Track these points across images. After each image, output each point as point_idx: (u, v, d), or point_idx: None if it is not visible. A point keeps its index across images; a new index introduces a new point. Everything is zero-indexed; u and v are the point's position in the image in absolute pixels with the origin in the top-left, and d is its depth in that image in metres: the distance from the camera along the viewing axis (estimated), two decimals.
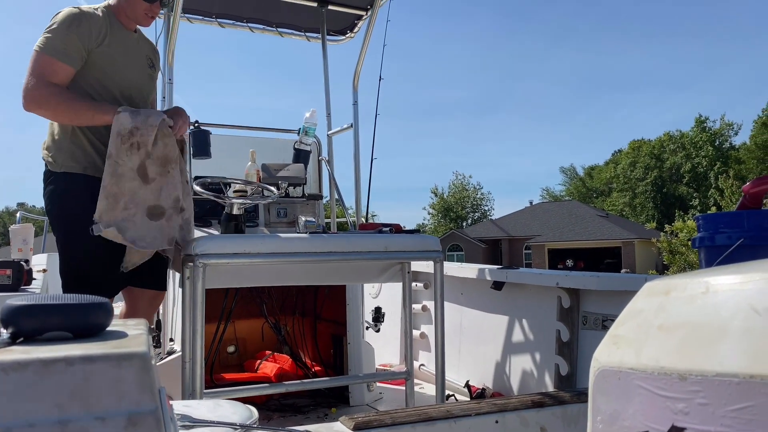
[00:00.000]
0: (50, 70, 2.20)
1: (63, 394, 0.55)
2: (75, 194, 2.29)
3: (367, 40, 3.75)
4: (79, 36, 2.25)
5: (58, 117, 2.28)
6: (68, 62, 2.23)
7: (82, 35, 2.25)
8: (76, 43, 2.24)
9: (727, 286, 0.74)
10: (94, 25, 2.29)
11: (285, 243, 2.39)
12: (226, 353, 3.83)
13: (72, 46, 2.23)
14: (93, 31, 2.28)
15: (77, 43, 2.24)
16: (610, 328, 0.90)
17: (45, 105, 2.21)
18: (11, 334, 0.65)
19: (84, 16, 2.28)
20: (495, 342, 3.25)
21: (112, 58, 2.34)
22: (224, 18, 4.22)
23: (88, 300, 0.69)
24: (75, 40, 2.24)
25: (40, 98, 2.19)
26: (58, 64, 2.21)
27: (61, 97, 2.21)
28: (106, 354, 0.58)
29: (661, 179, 53.45)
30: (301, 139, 3.60)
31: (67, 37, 2.22)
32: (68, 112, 2.23)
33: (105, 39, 2.31)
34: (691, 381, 0.71)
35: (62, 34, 2.22)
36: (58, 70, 2.21)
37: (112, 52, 2.34)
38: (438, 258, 2.65)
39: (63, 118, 2.27)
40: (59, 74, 2.22)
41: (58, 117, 2.28)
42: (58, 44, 2.21)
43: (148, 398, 0.57)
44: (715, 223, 1.88)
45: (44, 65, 2.19)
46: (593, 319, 2.64)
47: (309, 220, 3.03)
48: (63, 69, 2.22)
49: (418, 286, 3.96)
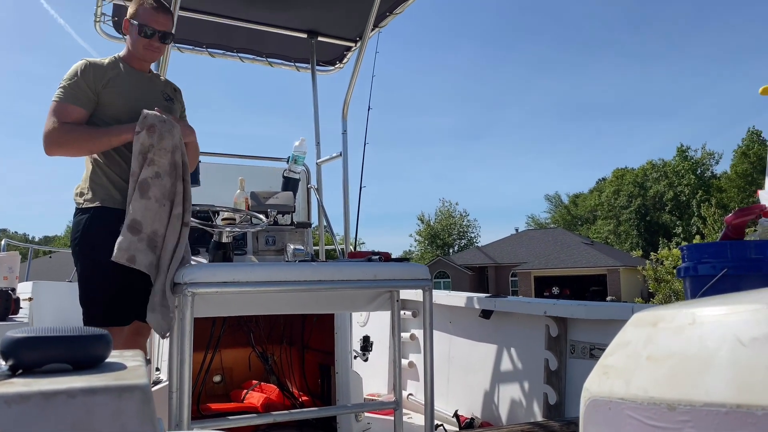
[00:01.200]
0: (63, 113, 2.37)
1: (65, 427, 0.55)
2: (93, 226, 2.40)
3: (356, 71, 3.81)
4: (86, 80, 2.42)
5: (79, 150, 2.43)
6: (78, 104, 2.40)
7: (88, 79, 2.43)
8: (83, 87, 2.42)
9: (713, 317, 0.76)
10: (98, 70, 2.47)
11: (275, 271, 2.39)
12: (212, 383, 3.79)
13: (80, 90, 2.41)
14: (98, 74, 2.46)
15: (84, 87, 2.42)
16: (600, 358, 0.91)
17: (63, 143, 2.37)
18: (11, 366, 0.65)
19: (89, 63, 2.48)
20: (484, 371, 3.24)
21: (120, 95, 2.49)
22: (215, 48, 4.28)
23: (88, 332, 0.69)
24: (82, 84, 2.42)
25: (57, 138, 2.36)
26: (70, 107, 2.39)
27: (76, 131, 2.37)
28: (107, 386, 0.58)
29: (644, 207, 54.06)
30: (290, 167, 3.63)
31: (75, 83, 2.41)
32: (87, 142, 2.38)
33: (111, 80, 2.47)
34: (680, 411, 0.73)
35: (70, 82, 2.42)
36: (71, 112, 2.39)
37: (120, 90, 2.49)
38: (427, 286, 2.65)
39: (83, 149, 2.42)
40: (72, 115, 2.39)
41: (79, 150, 2.43)
42: (67, 91, 2.40)
43: (148, 430, 0.57)
44: (699, 254, 1.91)
45: (57, 110, 2.38)
46: (581, 348, 2.66)
47: (298, 248, 3.04)
48: (75, 110, 2.39)
49: (406, 315, 3.96)
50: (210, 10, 3.81)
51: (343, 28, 4.18)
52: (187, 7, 3.62)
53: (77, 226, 2.44)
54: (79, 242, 2.43)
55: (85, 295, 2.42)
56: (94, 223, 2.41)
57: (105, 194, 2.44)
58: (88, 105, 2.43)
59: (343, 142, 3.97)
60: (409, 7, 3.84)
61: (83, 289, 2.42)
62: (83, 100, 2.41)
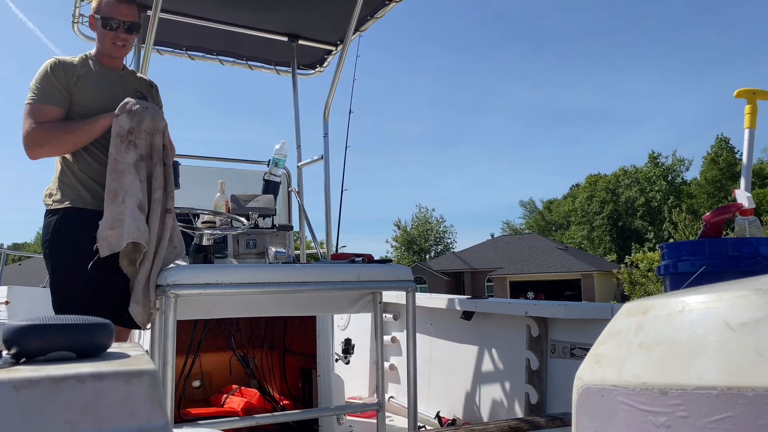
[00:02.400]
0: (39, 113, 2.33)
1: (74, 412, 0.55)
2: (62, 227, 2.35)
3: (338, 75, 3.82)
4: (57, 78, 2.38)
5: (62, 146, 2.37)
6: (53, 103, 2.36)
7: (59, 78, 2.39)
8: (55, 85, 2.37)
9: (703, 304, 0.78)
10: (68, 67, 2.43)
11: (259, 273, 2.38)
12: (192, 388, 3.75)
13: (53, 89, 2.37)
14: (68, 71, 2.42)
15: (57, 85, 2.38)
16: (592, 348, 0.94)
17: (45, 142, 2.33)
18: (14, 354, 0.65)
19: (59, 61, 2.44)
20: (465, 372, 3.27)
21: (91, 93, 2.44)
22: (194, 51, 4.25)
23: (92, 320, 0.69)
24: (54, 82, 2.37)
25: (38, 138, 2.32)
26: (45, 107, 2.35)
27: (55, 128, 2.33)
28: (116, 371, 0.58)
29: (617, 213, 54.90)
30: (271, 171, 3.62)
31: (47, 82, 2.37)
32: (68, 136, 2.34)
33: (81, 78, 2.43)
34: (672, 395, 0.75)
35: (42, 82, 2.37)
36: (47, 112, 2.34)
37: (91, 88, 2.45)
38: (410, 287, 2.67)
39: (66, 144, 2.36)
40: (48, 115, 2.35)
41: (62, 146, 2.37)
42: (40, 91, 2.36)
43: (158, 415, 0.58)
44: (679, 252, 1.96)
45: (33, 112, 2.34)
46: (561, 348, 2.69)
47: (279, 251, 3.03)
48: (50, 110, 2.35)
49: (387, 318, 3.96)
50: (190, 12, 3.79)
51: (324, 32, 4.19)
52: (168, 9, 3.60)
53: (47, 228, 2.39)
54: (49, 244, 2.38)
55: (56, 297, 2.37)
56: (63, 224, 2.36)
57: (74, 195, 2.39)
58: (63, 103, 2.39)
59: (325, 145, 3.98)
60: (388, 12, 3.87)
61: (55, 292, 2.37)
62: (57, 98, 2.38)
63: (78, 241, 2.27)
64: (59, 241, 2.35)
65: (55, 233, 2.35)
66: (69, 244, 2.32)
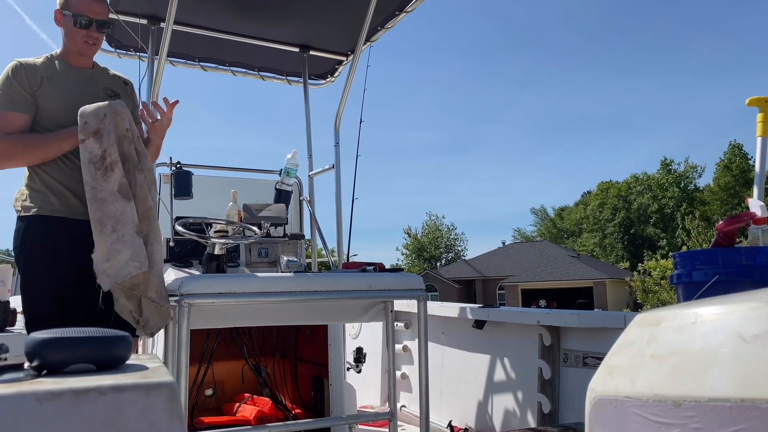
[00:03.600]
0: (4, 122, 2.21)
1: (95, 423, 0.56)
2: (29, 236, 2.26)
3: (348, 84, 3.84)
4: (19, 83, 2.26)
5: (29, 160, 2.26)
6: (18, 110, 2.24)
7: (21, 81, 2.27)
8: (19, 90, 2.25)
9: (715, 315, 0.78)
10: (31, 70, 2.30)
11: (272, 282, 2.39)
12: (204, 396, 3.76)
13: (16, 94, 2.25)
14: (31, 74, 2.29)
15: (20, 90, 2.26)
16: (605, 358, 0.94)
17: (12, 155, 2.22)
18: (36, 366, 0.66)
19: (20, 65, 2.30)
20: (477, 381, 3.26)
21: (57, 95, 2.32)
22: (207, 62, 4.30)
23: (112, 333, 0.71)
24: (17, 87, 2.25)
25: (3, 150, 2.20)
26: (10, 114, 2.23)
27: (22, 140, 2.22)
28: (136, 384, 0.60)
29: (628, 220, 54.54)
30: (282, 180, 3.64)
31: (10, 88, 2.25)
32: (36, 150, 2.23)
33: (45, 80, 2.31)
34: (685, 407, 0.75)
35: (5, 88, 2.25)
36: (12, 120, 2.23)
37: (57, 90, 2.32)
38: (422, 296, 2.67)
39: (34, 158, 2.25)
40: (14, 123, 2.23)
41: (29, 160, 2.26)
42: (3, 97, 2.24)
43: (177, 426, 0.59)
44: (692, 261, 1.95)
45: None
46: (574, 356, 2.68)
47: (291, 260, 3.04)
48: (16, 117, 2.24)
49: (398, 326, 3.96)
50: (203, 24, 3.84)
51: (335, 42, 4.22)
52: (181, 21, 3.64)
53: (16, 234, 2.29)
54: (18, 252, 2.28)
55: (25, 306, 2.26)
56: (31, 232, 2.26)
57: (42, 201, 2.28)
58: (28, 109, 2.26)
59: (336, 154, 4.00)
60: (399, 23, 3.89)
61: (23, 301, 2.27)
62: (22, 104, 2.25)
63: (45, 250, 2.21)
64: (26, 250, 2.25)
65: (23, 242, 2.26)
66: (36, 255, 2.23)
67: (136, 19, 3.69)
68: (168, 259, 3.12)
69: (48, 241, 2.23)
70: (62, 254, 2.22)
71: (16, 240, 2.29)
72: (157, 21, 3.75)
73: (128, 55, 4.10)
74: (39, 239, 2.23)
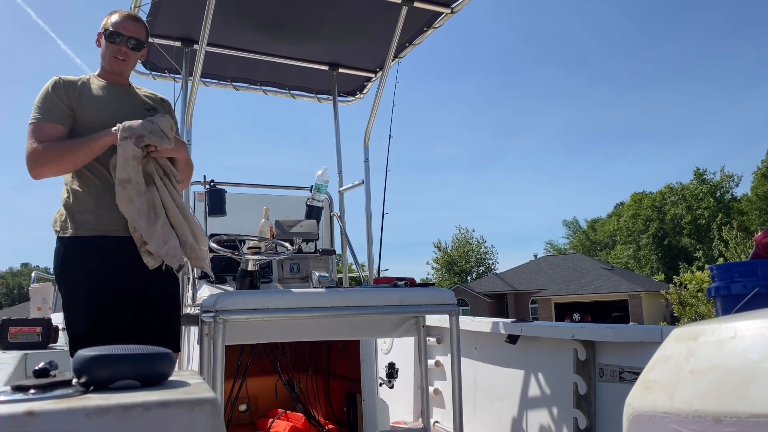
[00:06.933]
0: (41, 133, 2.28)
1: None
2: (68, 258, 2.29)
3: (377, 101, 3.88)
4: (58, 95, 2.33)
5: (61, 166, 2.29)
6: (54, 121, 2.30)
7: (59, 94, 2.33)
8: (56, 102, 2.32)
9: (755, 330, 0.77)
10: (69, 84, 2.37)
11: (304, 298, 2.42)
12: (238, 412, 3.80)
13: (53, 107, 2.31)
14: (69, 88, 2.36)
15: (58, 102, 2.32)
16: (641, 374, 0.93)
17: (44, 161, 2.25)
18: (83, 382, 0.69)
19: (60, 80, 2.38)
20: (511, 397, 3.22)
21: (94, 107, 2.38)
22: (239, 81, 4.39)
23: (155, 350, 0.73)
24: (55, 100, 2.32)
25: (38, 157, 2.25)
26: (46, 125, 2.29)
27: (53, 147, 2.26)
28: (180, 400, 0.62)
29: (662, 231, 53.49)
30: (313, 196, 3.68)
31: (48, 100, 2.32)
32: (66, 155, 2.25)
33: (82, 93, 2.38)
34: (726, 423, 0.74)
35: (43, 100, 2.32)
36: (47, 130, 2.28)
37: (93, 102, 2.38)
38: (454, 311, 2.67)
39: (65, 164, 2.28)
40: (49, 133, 2.28)
41: (61, 166, 2.29)
42: (42, 109, 2.31)
43: None
44: (730, 273, 1.91)
45: (35, 131, 2.28)
46: (610, 371, 2.64)
47: (323, 275, 3.07)
48: (52, 128, 2.29)
49: (431, 341, 3.95)
50: (235, 45, 3.92)
51: (364, 60, 4.27)
52: (213, 42, 3.73)
53: (56, 255, 2.33)
54: (58, 273, 2.32)
55: (67, 324, 2.29)
56: (68, 253, 2.29)
57: (78, 221, 2.30)
58: (65, 120, 2.32)
59: (365, 170, 4.03)
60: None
61: (66, 319, 2.30)
62: (58, 116, 2.31)
63: (82, 270, 2.25)
64: (66, 270, 2.29)
65: (63, 264, 2.29)
66: (75, 274, 2.27)
67: (170, 42, 3.79)
68: (202, 276, 3.18)
69: (85, 262, 2.27)
70: (98, 274, 2.27)
71: (56, 261, 2.34)
72: (190, 43, 3.85)
73: (162, 76, 4.21)
74: (76, 260, 2.27)
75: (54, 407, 0.59)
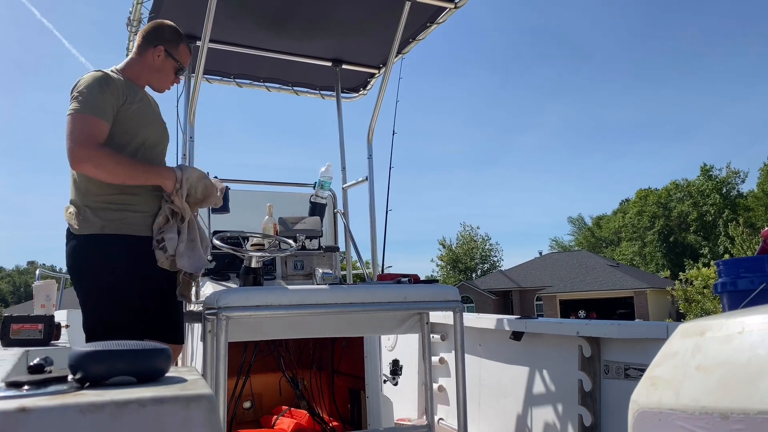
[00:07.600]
0: (96, 129, 2.23)
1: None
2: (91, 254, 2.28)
3: (381, 97, 3.86)
4: (113, 94, 2.31)
5: (114, 178, 2.27)
6: (107, 119, 2.27)
7: (114, 94, 2.31)
8: (111, 101, 2.29)
9: (763, 325, 0.75)
10: (119, 86, 2.35)
11: (307, 295, 2.41)
12: (242, 409, 3.79)
13: (108, 104, 2.28)
14: (119, 91, 2.34)
15: (112, 101, 2.30)
16: (647, 370, 0.91)
17: (101, 166, 2.21)
18: (79, 379, 0.68)
19: (110, 77, 2.36)
20: (515, 394, 3.21)
21: (135, 116, 2.38)
22: (242, 78, 4.38)
23: (152, 346, 0.72)
24: (110, 98, 2.29)
25: (95, 158, 2.20)
26: (101, 122, 2.25)
27: (117, 158, 2.25)
28: (176, 396, 0.61)
29: (668, 228, 53.31)
30: (317, 193, 3.67)
31: (103, 96, 2.27)
32: (125, 173, 2.26)
33: (128, 97, 2.37)
34: (734, 419, 0.72)
35: (97, 93, 2.27)
36: (103, 128, 2.25)
37: (135, 110, 2.39)
38: (458, 308, 2.65)
39: (117, 178, 2.27)
40: (104, 132, 2.26)
41: (114, 178, 2.27)
42: (96, 103, 2.25)
43: None
44: (737, 268, 1.89)
45: (89, 125, 2.22)
46: (615, 368, 2.62)
47: (326, 272, 3.06)
48: (105, 126, 2.27)
49: (435, 338, 3.94)
50: (237, 41, 3.91)
51: (367, 56, 4.25)
52: (216, 39, 3.72)
53: (76, 252, 2.28)
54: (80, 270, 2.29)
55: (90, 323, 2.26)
56: (90, 250, 2.27)
57: (103, 219, 2.28)
58: (111, 120, 2.30)
59: (369, 166, 4.02)
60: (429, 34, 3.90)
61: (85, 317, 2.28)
62: (109, 115, 2.28)
63: (105, 267, 2.25)
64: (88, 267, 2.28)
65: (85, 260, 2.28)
66: (96, 271, 2.26)
67: None
68: (206, 273, 3.17)
69: (107, 259, 2.26)
70: (122, 272, 2.26)
71: (75, 257, 2.28)
72: (193, 39, 3.83)
73: None
74: (99, 258, 2.26)
75: (47, 404, 0.58)
